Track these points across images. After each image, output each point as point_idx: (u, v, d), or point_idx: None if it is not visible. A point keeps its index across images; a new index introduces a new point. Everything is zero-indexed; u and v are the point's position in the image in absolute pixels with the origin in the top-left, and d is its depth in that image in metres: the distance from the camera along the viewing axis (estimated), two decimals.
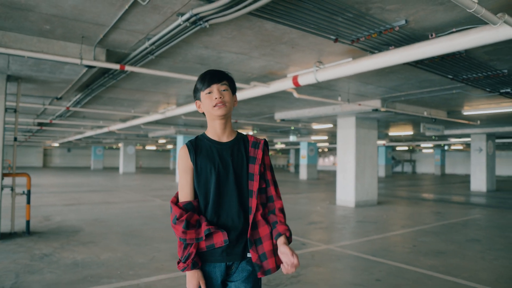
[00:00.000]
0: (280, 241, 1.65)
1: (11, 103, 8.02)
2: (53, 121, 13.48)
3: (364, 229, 7.23)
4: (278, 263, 1.68)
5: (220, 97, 1.68)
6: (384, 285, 3.99)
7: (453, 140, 22.10)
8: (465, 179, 26.26)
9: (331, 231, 7.08)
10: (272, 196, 1.74)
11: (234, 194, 1.68)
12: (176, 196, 1.72)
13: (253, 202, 1.68)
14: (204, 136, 1.76)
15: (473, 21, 3.93)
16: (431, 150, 38.38)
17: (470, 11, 2.79)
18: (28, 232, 6.17)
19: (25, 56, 4.64)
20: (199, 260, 1.65)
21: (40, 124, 16.05)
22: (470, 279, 4.24)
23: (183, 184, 1.70)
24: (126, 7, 3.76)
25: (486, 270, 4.63)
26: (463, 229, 7.37)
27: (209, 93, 1.70)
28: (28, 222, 6.20)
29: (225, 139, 1.74)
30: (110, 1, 3.70)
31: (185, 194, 1.69)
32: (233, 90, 1.77)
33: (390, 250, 5.56)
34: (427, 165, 41.27)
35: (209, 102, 1.69)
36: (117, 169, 37.75)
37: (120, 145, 30.95)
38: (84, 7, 3.83)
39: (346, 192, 10.75)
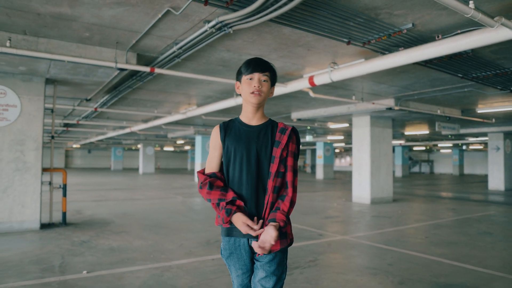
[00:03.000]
0: (272, 223, 1.68)
1: (47, 104, 8.60)
2: (80, 122, 14.15)
3: (379, 222, 7.52)
4: (276, 247, 1.71)
5: (259, 86, 1.77)
6: (395, 268, 4.32)
7: (470, 139, 21.95)
8: (484, 179, 26.00)
9: (346, 224, 7.40)
10: (287, 182, 1.77)
11: (255, 174, 1.76)
12: (204, 169, 1.90)
13: (269, 184, 1.74)
14: (237, 119, 1.88)
15: (476, 23, 4.22)
16: (449, 150, 37.93)
17: (468, 16, 3.11)
18: (64, 223, 6.70)
19: (66, 61, 5.15)
20: (232, 206, 1.72)
21: (66, 125, 16.80)
22: (477, 265, 4.52)
23: (211, 158, 1.86)
24: (159, 15, 4.20)
25: (494, 258, 4.89)
26: (476, 223, 7.58)
27: (250, 79, 1.79)
28: (64, 214, 6.73)
29: (254, 122, 1.84)
30: (146, 11, 4.15)
31: (212, 166, 1.85)
32: (273, 81, 1.86)
33: (402, 240, 5.86)
34: (445, 165, 40.81)
35: (248, 88, 1.78)
36: (136, 169, 38.69)
37: (140, 146, 31.81)
38: (122, 16, 4.30)
39: (362, 189, 10.99)
